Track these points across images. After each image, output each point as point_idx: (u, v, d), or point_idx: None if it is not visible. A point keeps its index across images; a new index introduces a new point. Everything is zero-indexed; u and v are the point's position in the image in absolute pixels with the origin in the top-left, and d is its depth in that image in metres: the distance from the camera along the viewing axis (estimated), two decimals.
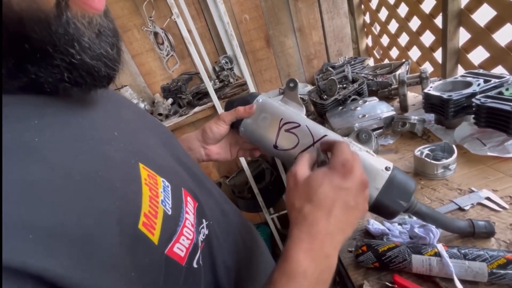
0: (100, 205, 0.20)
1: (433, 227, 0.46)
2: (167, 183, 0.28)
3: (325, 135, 0.41)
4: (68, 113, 0.25)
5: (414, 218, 0.54)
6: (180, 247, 0.26)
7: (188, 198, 0.31)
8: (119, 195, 0.22)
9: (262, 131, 0.44)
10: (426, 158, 0.63)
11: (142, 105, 1.33)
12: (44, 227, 0.17)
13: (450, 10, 0.86)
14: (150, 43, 1.29)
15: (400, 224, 0.53)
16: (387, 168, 0.36)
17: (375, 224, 0.54)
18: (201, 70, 1.05)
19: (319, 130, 0.42)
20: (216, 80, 1.34)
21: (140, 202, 0.24)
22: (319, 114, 1.14)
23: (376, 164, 0.37)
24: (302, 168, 0.34)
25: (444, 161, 0.61)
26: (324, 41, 1.55)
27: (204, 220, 0.33)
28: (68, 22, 0.21)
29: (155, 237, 0.24)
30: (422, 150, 0.67)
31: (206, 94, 1.28)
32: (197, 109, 1.25)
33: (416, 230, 0.47)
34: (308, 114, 1.22)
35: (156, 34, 1.19)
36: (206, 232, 0.33)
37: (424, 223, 0.49)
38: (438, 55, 1.00)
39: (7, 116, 0.19)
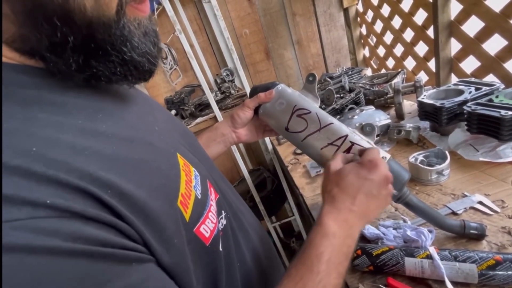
0: (151, 181, 0.25)
1: (424, 230, 0.48)
2: (197, 173, 0.33)
3: (331, 123, 0.46)
4: (117, 104, 0.31)
5: (409, 222, 0.56)
6: (205, 229, 0.30)
7: (212, 189, 0.36)
8: (164, 175, 0.27)
9: (278, 114, 0.51)
10: (420, 164, 0.65)
11: None
12: (117, 186, 0.22)
13: (440, 22, 0.89)
14: None
15: (395, 228, 0.55)
16: (383, 158, 0.41)
17: (370, 229, 0.55)
18: (202, 83, 1.09)
19: (327, 118, 0.47)
20: (218, 92, 1.38)
21: (179, 184, 0.28)
22: None
23: None
24: (337, 162, 0.41)
25: (438, 167, 0.63)
26: (322, 53, 1.60)
27: (223, 211, 0.37)
28: (124, 26, 0.26)
29: (187, 215, 0.28)
30: (417, 156, 0.69)
31: (208, 106, 1.32)
32: (199, 120, 1.29)
33: (409, 233, 0.48)
34: None
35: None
36: (224, 222, 0.36)
37: (416, 226, 0.51)
38: (432, 64, 1.03)
39: (80, 109, 0.25)
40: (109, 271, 0.19)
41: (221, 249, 0.33)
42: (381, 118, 0.91)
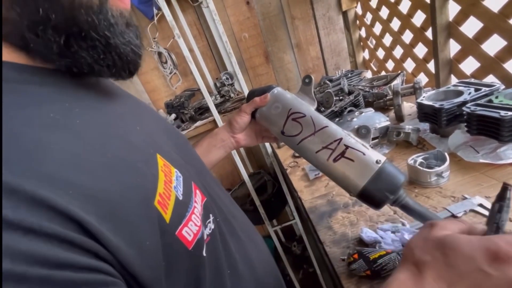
0: (125, 179, 0.24)
1: None
2: (179, 174, 0.32)
3: (326, 126, 0.46)
4: (100, 101, 0.30)
5: (408, 225, 0.55)
6: (188, 232, 0.29)
7: (197, 191, 0.34)
8: (140, 174, 0.26)
9: (274, 118, 0.51)
10: (419, 167, 0.64)
11: None
12: (81, 186, 0.20)
13: (438, 23, 0.89)
14: (155, 62, 1.35)
15: (393, 232, 0.54)
16: (377, 161, 0.40)
17: (368, 232, 0.54)
18: (201, 87, 1.09)
19: (322, 121, 0.47)
20: (218, 95, 1.39)
21: (157, 184, 0.27)
22: None
23: (369, 156, 0.40)
24: (453, 225, 0.28)
25: (437, 169, 0.62)
26: (321, 56, 1.60)
27: (211, 215, 0.36)
28: (107, 11, 0.26)
29: (167, 216, 0.27)
30: (416, 158, 0.68)
31: (207, 109, 1.32)
32: (198, 123, 1.29)
33: (406, 236, 0.47)
34: None
35: (160, 54, 1.25)
36: (212, 226, 0.35)
37: (415, 230, 0.50)
38: (431, 66, 1.02)
39: (54, 101, 0.25)
40: None
41: (204, 254, 0.31)
42: (381, 120, 0.90)
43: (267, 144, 1.30)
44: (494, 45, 0.80)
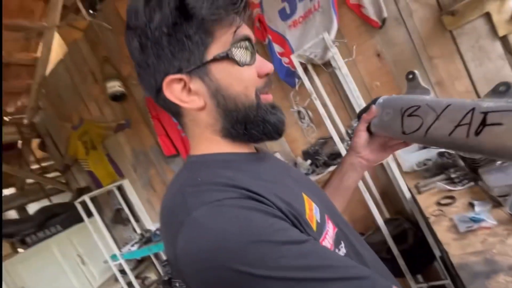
0: (288, 201, 0.38)
1: None
2: (316, 206, 0.43)
3: (449, 104, 0.41)
4: (267, 167, 0.47)
5: None
6: (326, 245, 0.40)
7: (329, 221, 0.44)
8: (294, 199, 0.40)
9: (389, 124, 0.50)
10: None
11: None
12: (278, 199, 0.37)
13: None
14: (295, 119, 1.67)
15: None
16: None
17: None
18: (333, 135, 1.26)
19: (442, 102, 0.42)
20: (349, 141, 1.50)
21: (304, 209, 0.40)
22: (471, 169, 1.02)
23: None
24: None
25: None
26: (473, 89, 1.40)
27: (342, 242, 0.44)
28: (261, 106, 0.42)
29: (314, 226, 0.39)
30: None
31: (339, 154, 1.46)
32: (331, 168, 1.44)
33: None
34: (456, 170, 1.11)
35: (299, 112, 1.56)
36: (345, 251, 0.43)
37: None
38: None
39: (248, 171, 0.42)
40: (279, 224, 0.33)
41: None
42: None
43: (405, 188, 1.24)
44: None
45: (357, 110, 1.61)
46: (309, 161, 1.59)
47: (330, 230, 0.42)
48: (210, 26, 0.37)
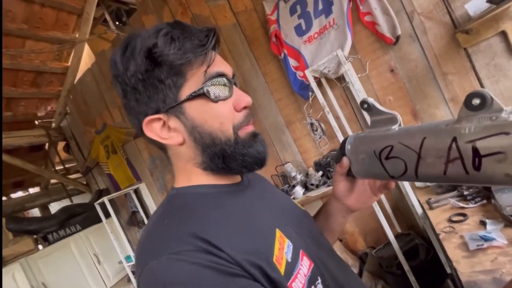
0: (253, 246, 0.38)
1: None
2: (290, 243, 0.42)
3: (424, 138, 0.34)
4: (234, 197, 0.46)
5: None
6: (297, 285, 0.38)
7: (304, 258, 0.42)
8: (261, 242, 0.40)
9: (371, 169, 0.43)
10: None
11: (298, 177, 1.71)
12: (238, 249, 0.36)
13: None
14: (307, 130, 1.71)
15: None
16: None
17: None
18: None
19: (414, 136, 0.35)
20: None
21: (273, 249, 0.39)
22: (484, 187, 1.02)
23: None
24: None
25: None
26: None
27: (319, 278, 0.42)
28: (239, 140, 0.43)
29: (282, 269, 0.38)
30: None
31: None
32: None
33: None
34: (469, 187, 1.10)
35: (312, 124, 1.60)
36: (321, 287, 0.42)
37: None
38: None
39: (221, 199, 0.44)
40: (226, 281, 0.32)
41: None
42: None
43: (417, 203, 1.24)
44: None
45: (369, 123, 1.62)
46: (320, 172, 1.62)
47: (304, 268, 0.41)
48: (180, 68, 0.40)
